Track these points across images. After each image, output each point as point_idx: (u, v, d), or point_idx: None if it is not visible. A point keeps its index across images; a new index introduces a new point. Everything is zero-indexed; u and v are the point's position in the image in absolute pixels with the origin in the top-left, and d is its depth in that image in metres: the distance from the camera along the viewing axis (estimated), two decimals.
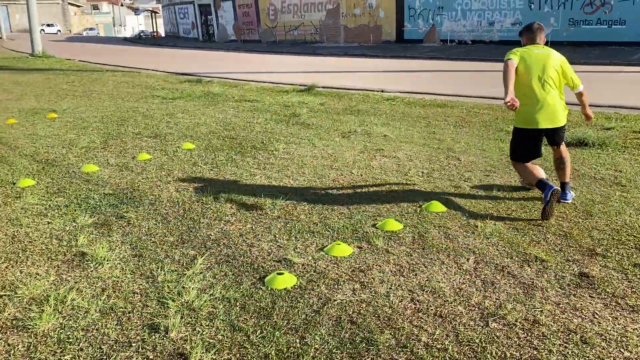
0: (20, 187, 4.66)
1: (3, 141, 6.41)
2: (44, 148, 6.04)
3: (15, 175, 5.01)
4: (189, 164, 5.35)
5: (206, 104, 9.02)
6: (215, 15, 35.80)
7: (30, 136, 6.65)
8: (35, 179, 4.88)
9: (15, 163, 5.42)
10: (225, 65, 17.34)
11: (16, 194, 4.49)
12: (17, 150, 5.94)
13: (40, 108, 8.72)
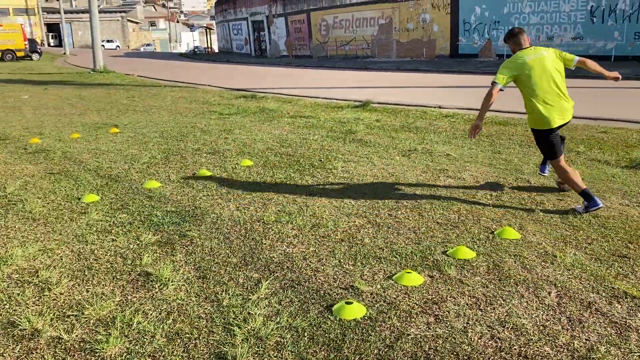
0: (85, 203, 4.72)
1: (68, 155, 6.58)
2: (107, 163, 6.16)
3: (80, 191, 5.10)
4: (248, 181, 5.31)
5: (262, 119, 9.05)
6: (268, 31, 36.40)
7: (93, 151, 6.81)
8: (99, 194, 4.95)
9: (80, 178, 5.53)
10: (278, 81, 17.50)
11: (81, 210, 4.55)
12: (82, 165, 6.07)
13: (102, 123, 8.96)
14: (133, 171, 5.78)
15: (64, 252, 3.65)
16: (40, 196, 4.93)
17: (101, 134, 7.93)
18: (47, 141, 7.44)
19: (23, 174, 5.74)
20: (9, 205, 4.70)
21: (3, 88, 15.75)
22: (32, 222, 4.29)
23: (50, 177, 5.57)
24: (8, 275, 3.31)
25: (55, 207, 4.64)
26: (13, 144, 7.29)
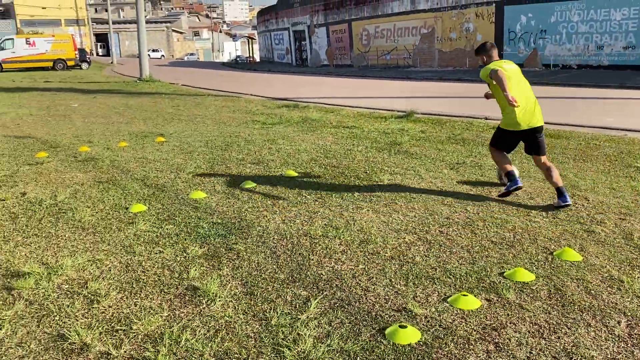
0: (133, 213, 4.75)
1: (116, 164, 6.68)
2: (153, 172, 6.21)
3: (127, 200, 5.14)
4: (293, 193, 5.25)
5: (304, 129, 9.01)
6: (309, 40, 36.60)
7: (140, 160, 6.89)
8: (146, 204, 4.98)
9: (127, 187, 5.58)
10: (320, 90, 17.49)
11: (129, 220, 4.57)
12: (129, 174, 6.14)
13: (148, 132, 9.10)
14: (179, 181, 5.81)
15: (113, 263, 3.66)
16: (90, 205, 4.99)
17: (148, 143, 8.04)
18: (96, 149, 7.59)
19: (73, 182, 5.85)
20: (59, 213, 4.77)
21: (54, 96, 16.29)
22: (82, 231, 4.33)
23: (99, 186, 5.64)
24: (58, 286, 3.32)
25: (103, 216, 4.68)
26: (64, 152, 7.46)
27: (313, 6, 35.44)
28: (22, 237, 4.20)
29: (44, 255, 3.82)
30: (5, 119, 10.94)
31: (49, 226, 4.45)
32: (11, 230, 4.36)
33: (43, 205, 5.01)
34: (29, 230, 4.35)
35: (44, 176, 6.12)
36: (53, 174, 6.21)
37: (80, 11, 68.88)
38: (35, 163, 6.79)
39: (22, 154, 7.39)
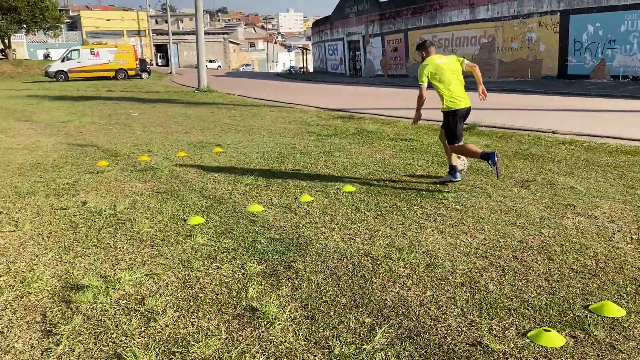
0: (191, 225, 4.68)
1: (175, 174, 6.69)
2: (211, 183, 6.17)
3: (185, 212, 5.09)
4: (352, 209, 5.06)
5: (361, 142, 8.82)
6: (364, 50, 36.48)
7: (198, 170, 6.89)
8: (204, 216, 4.91)
9: (185, 198, 5.55)
10: (375, 101, 17.28)
11: (187, 232, 4.50)
12: (188, 185, 6.12)
13: (206, 142, 9.15)
14: (236, 193, 5.73)
15: (170, 279, 3.57)
16: (148, 216, 4.97)
17: (205, 153, 8.06)
18: (155, 159, 7.66)
19: (132, 192, 5.88)
20: (118, 224, 4.77)
21: (116, 105, 16.79)
22: (140, 243, 4.29)
23: (157, 196, 5.64)
24: (116, 301, 3.25)
25: (161, 228, 4.64)
26: (124, 161, 7.56)
27: (368, 16, 35.33)
28: (81, 248, 4.20)
29: (102, 268, 3.78)
30: (70, 127, 11.31)
31: (108, 237, 4.44)
32: (71, 240, 4.37)
33: (103, 215, 5.03)
34: (88, 241, 4.34)
35: (104, 185, 6.19)
36: (113, 183, 6.27)
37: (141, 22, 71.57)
38: (96, 172, 6.90)
39: (84, 162, 7.55)
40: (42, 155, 8.05)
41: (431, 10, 29.79)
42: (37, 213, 5.14)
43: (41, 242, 4.35)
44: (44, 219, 4.94)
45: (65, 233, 4.56)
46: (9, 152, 8.38)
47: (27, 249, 4.22)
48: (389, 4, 33.30)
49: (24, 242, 4.35)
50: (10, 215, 5.10)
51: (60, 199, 5.62)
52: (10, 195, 5.80)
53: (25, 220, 4.89)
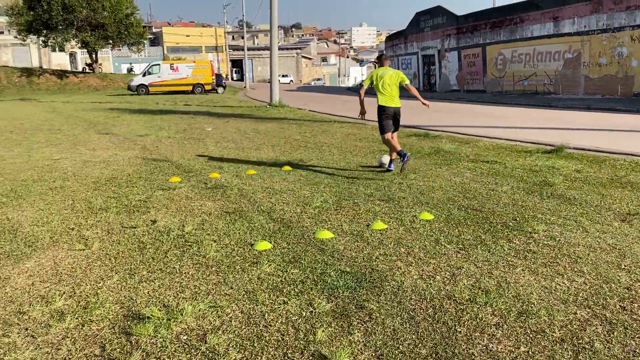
0: (257, 251, 4.46)
1: (244, 193, 6.55)
2: (279, 205, 5.96)
3: (253, 235, 4.88)
4: (430, 241, 4.65)
5: (438, 163, 8.35)
6: (439, 65, 35.71)
7: (267, 190, 6.71)
8: (271, 241, 4.67)
9: (253, 220, 5.35)
10: (451, 118, 16.65)
11: (253, 259, 4.28)
12: (256, 205, 5.94)
13: (276, 159, 9.01)
14: (305, 216, 5.47)
15: (234, 312, 3.33)
16: (215, 238, 4.80)
17: (275, 172, 7.89)
18: (225, 176, 7.57)
19: (201, 211, 5.76)
20: (185, 246, 4.62)
21: (191, 120, 17.17)
22: (205, 269, 4.10)
23: (225, 217, 5.48)
24: (176, 336, 3.05)
25: (228, 252, 4.44)
26: (195, 177, 7.53)
27: (444, 30, 34.59)
28: (147, 272, 4.07)
29: (165, 296, 3.61)
30: (146, 141, 11.57)
31: (174, 260, 4.29)
32: (138, 263, 4.25)
33: (171, 235, 4.91)
34: (154, 264, 4.21)
35: (175, 203, 6.12)
36: (183, 201, 6.20)
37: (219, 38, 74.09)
38: (168, 188, 6.88)
39: (157, 177, 7.58)
40: (118, 170, 8.19)
41: (511, 24, 28.67)
42: (107, 231, 5.11)
43: (108, 263, 4.26)
44: (113, 238, 4.89)
45: (132, 254, 4.46)
46: (87, 165, 8.60)
47: (93, 270, 4.14)
48: (466, 18, 32.43)
49: (91, 263, 4.28)
50: (82, 232, 5.09)
51: (130, 217, 5.58)
52: (83, 211, 5.84)
53: (95, 239, 4.85)
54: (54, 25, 42.85)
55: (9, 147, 10.85)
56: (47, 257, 4.44)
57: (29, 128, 14.70)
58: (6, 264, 4.29)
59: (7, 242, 4.84)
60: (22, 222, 5.46)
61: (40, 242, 4.81)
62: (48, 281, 3.94)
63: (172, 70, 38.02)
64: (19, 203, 6.23)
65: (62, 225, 5.33)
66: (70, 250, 4.60)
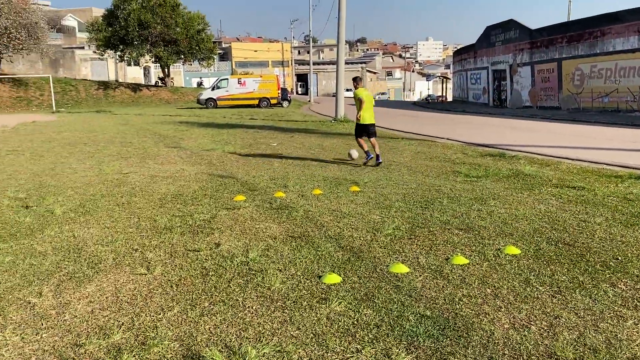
0: (326, 284, 4.11)
1: (310, 215, 6.23)
2: (348, 230, 5.59)
3: (320, 265, 4.54)
4: (519, 281, 4.13)
5: (518, 187, 7.72)
6: (510, 80, 34.39)
7: (334, 212, 6.36)
8: (341, 274, 4.31)
9: (320, 247, 5.01)
10: (527, 136, 15.76)
11: (322, 294, 3.92)
12: (323, 230, 5.60)
13: (342, 178, 8.66)
14: (376, 245, 5.08)
15: (302, 359, 2.99)
16: (281, 267, 4.50)
17: (342, 192, 7.54)
18: (291, 196, 7.30)
19: (266, 234, 5.49)
20: (249, 275, 4.34)
21: (257, 134, 17.17)
22: (270, 303, 3.79)
23: (291, 243, 5.17)
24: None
25: (294, 285, 4.12)
26: (260, 197, 7.30)
27: (517, 44, 33.31)
28: (209, 303, 3.80)
29: (227, 334, 3.32)
30: (213, 156, 11.55)
31: (238, 291, 4.01)
32: (200, 292, 4.00)
33: (234, 262, 4.65)
34: (217, 294, 3.94)
35: (239, 224, 5.89)
36: (248, 222, 5.96)
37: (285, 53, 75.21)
38: (232, 207, 6.68)
39: (222, 195, 7.41)
40: (184, 186, 8.11)
41: (590, 38, 27.15)
42: (170, 254, 4.92)
43: (169, 291, 4.04)
44: (176, 262, 4.69)
45: (194, 281, 4.22)
46: (155, 181, 8.59)
47: (154, 298, 3.92)
48: (540, 32, 31.08)
49: (153, 290, 4.07)
50: (145, 254, 4.93)
51: (194, 238, 5.39)
52: (147, 230, 5.71)
53: (158, 262, 4.67)
54: (130, 40, 44.85)
55: (82, 160, 11.11)
56: (109, 280, 4.28)
57: (102, 140, 15.14)
58: (68, 287, 4.15)
59: (71, 261, 4.74)
60: (87, 240, 5.38)
61: (103, 264, 4.68)
62: (108, 309, 3.76)
63: (240, 84, 38.72)
64: (86, 219, 6.20)
65: (126, 245, 5.20)
66: (133, 274, 4.42)
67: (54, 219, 6.21)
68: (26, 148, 13.17)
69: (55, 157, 11.46)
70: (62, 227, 5.85)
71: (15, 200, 7.24)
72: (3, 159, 11.39)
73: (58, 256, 4.89)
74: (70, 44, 62.88)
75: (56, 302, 3.88)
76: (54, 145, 13.87)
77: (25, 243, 5.32)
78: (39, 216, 6.37)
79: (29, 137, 16.12)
